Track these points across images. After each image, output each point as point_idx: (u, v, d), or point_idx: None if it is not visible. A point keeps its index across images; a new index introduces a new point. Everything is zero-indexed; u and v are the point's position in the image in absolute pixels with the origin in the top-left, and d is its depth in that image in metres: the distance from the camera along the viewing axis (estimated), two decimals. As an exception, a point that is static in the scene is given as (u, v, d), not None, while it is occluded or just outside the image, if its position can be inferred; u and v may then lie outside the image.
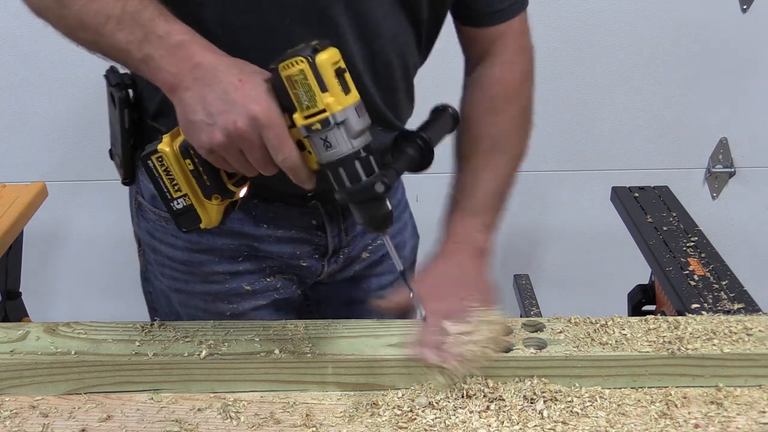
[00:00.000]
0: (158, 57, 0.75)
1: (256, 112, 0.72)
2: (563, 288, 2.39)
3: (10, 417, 0.83)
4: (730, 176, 2.22)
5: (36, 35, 1.98)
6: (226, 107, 0.73)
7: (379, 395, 0.85)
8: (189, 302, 1.05)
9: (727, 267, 1.29)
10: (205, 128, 0.74)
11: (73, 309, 2.38)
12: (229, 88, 0.73)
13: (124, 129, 0.96)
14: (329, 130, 0.73)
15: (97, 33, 0.77)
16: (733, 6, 2.01)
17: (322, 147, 0.74)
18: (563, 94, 2.10)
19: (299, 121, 0.73)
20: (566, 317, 0.93)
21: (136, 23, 0.75)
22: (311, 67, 0.71)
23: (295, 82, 0.72)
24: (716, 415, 0.82)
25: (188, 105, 0.75)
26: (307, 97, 0.72)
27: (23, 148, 2.14)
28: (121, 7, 0.75)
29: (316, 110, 0.72)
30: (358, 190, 0.76)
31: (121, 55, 0.78)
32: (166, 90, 0.77)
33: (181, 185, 0.80)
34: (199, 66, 0.75)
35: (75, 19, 0.77)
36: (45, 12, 0.80)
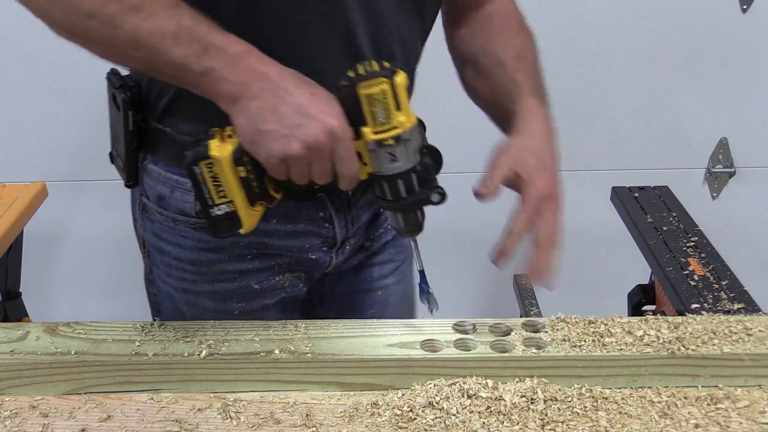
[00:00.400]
0: (219, 68, 0.77)
1: (334, 126, 0.77)
2: (563, 288, 2.38)
3: (10, 417, 0.83)
4: (730, 176, 2.22)
5: (36, 35, 1.98)
6: (303, 120, 0.77)
7: (379, 395, 0.85)
8: (197, 302, 1.05)
9: (727, 267, 1.29)
10: (280, 139, 0.77)
11: (73, 309, 2.38)
12: (304, 101, 0.77)
13: (128, 131, 0.96)
14: (398, 146, 0.80)
15: (153, 50, 0.76)
16: (733, 6, 2.01)
17: (386, 160, 0.81)
18: (563, 94, 2.10)
19: (369, 135, 0.79)
20: (566, 317, 0.93)
21: (192, 38, 0.76)
22: (391, 87, 0.78)
23: (374, 101, 0.78)
24: (716, 415, 0.82)
25: (258, 115, 0.77)
26: (384, 114, 0.79)
27: (23, 148, 2.14)
28: (175, 23, 0.76)
29: (389, 127, 0.79)
30: (415, 201, 0.84)
31: (177, 70, 0.78)
32: (227, 100, 0.78)
33: (227, 191, 0.81)
34: (265, 77, 0.78)
35: (128, 39, 0.76)
36: (89, 33, 0.78)
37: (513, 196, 1.06)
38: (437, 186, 0.84)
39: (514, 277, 2.21)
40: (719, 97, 2.12)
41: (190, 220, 0.98)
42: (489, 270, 2.36)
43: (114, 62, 0.81)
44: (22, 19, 0.98)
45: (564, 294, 2.40)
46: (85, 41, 0.79)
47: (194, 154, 0.80)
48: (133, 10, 0.75)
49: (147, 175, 1.00)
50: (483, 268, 2.36)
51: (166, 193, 0.98)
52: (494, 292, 2.40)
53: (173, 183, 0.97)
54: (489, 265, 1.05)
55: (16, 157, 2.15)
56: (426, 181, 0.85)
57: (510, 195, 1.08)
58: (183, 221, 0.99)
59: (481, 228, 2.27)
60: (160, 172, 0.98)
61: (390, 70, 0.78)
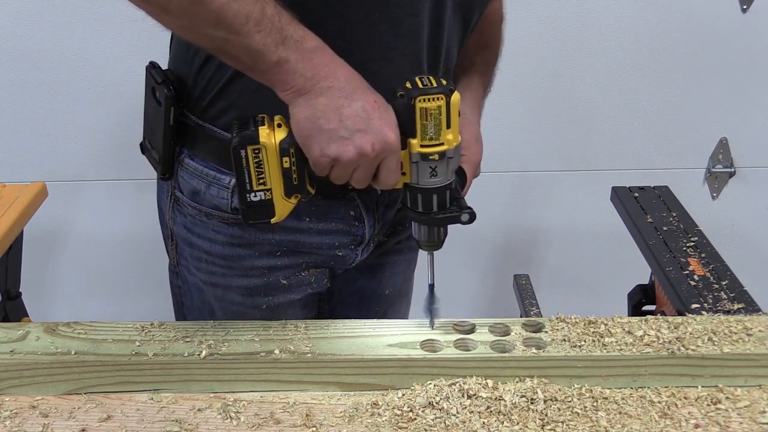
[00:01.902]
0: (294, 60, 0.77)
1: (391, 139, 0.79)
2: (563, 288, 2.39)
3: (10, 417, 0.83)
4: (730, 176, 2.22)
5: (36, 36, 1.98)
6: (364, 126, 0.78)
7: (379, 395, 0.85)
8: (225, 296, 1.06)
9: (727, 267, 1.29)
10: (338, 140, 0.78)
11: (73, 309, 2.38)
12: (367, 107, 0.79)
13: (168, 126, 0.97)
14: (440, 162, 0.82)
15: (234, 32, 0.76)
16: (733, 6, 2.01)
17: (427, 174, 0.82)
18: (563, 94, 2.10)
19: (416, 147, 0.81)
20: (566, 317, 0.93)
21: (273, 26, 0.76)
22: (446, 105, 0.79)
23: (429, 115, 0.79)
24: (716, 415, 0.82)
25: (321, 112, 0.78)
26: (435, 130, 0.80)
27: (23, 148, 2.14)
28: (260, 9, 0.76)
29: (436, 142, 0.81)
30: (445, 217, 0.85)
31: (252, 56, 0.78)
32: (293, 92, 0.79)
33: (267, 179, 0.81)
34: (334, 76, 0.79)
35: (211, 17, 0.75)
36: (171, 4, 0.75)
37: (513, 199, 1.06)
38: (467, 207, 0.86)
39: (514, 277, 2.21)
40: (719, 97, 2.12)
41: (224, 215, 0.99)
42: (489, 270, 2.36)
43: (183, 36, 0.80)
44: (23, 19, 0.99)
45: (564, 294, 2.42)
46: (162, 11, 0.77)
47: (243, 138, 0.80)
48: None
49: (182, 169, 1.01)
50: (483, 268, 2.36)
51: (202, 188, 0.99)
52: (494, 292, 2.40)
53: (210, 179, 0.98)
54: (489, 265, 1.05)
55: (16, 157, 2.15)
56: (456, 200, 0.86)
57: (510, 197, 1.08)
58: (216, 216, 1.00)
59: (481, 228, 2.27)
60: (197, 167, 0.98)
61: (448, 88, 0.80)
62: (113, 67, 2.00)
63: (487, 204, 2.22)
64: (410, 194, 0.86)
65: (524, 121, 2.13)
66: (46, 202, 1.83)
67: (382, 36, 0.89)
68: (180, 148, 1.00)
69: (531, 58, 2.04)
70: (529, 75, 2.07)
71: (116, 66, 2.00)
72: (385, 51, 0.90)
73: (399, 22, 0.89)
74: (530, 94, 2.09)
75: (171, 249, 1.10)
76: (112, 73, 2.01)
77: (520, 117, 2.12)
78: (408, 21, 0.89)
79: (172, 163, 1.01)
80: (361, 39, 0.88)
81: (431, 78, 0.81)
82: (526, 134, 2.15)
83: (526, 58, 2.04)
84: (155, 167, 1.03)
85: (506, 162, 2.18)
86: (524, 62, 2.05)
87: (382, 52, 0.90)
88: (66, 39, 1.98)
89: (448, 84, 0.80)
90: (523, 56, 2.04)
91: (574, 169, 2.21)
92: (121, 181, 2.18)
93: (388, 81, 0.89)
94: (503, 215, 2.27)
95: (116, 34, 1.95)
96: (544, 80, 2.08)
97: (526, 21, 2.00)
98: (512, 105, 2.10)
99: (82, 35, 1.98)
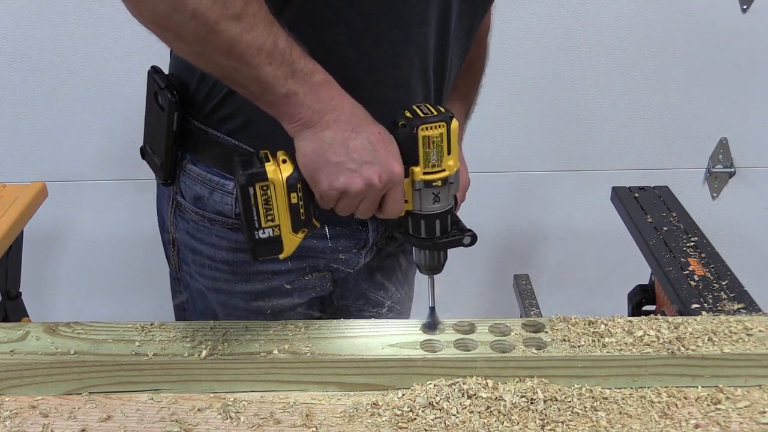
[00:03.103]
0: (302, 93, 0.78)
1: (397, 170, 0.80)
2: (563, 288, 2.39)
3: (10, 417, 0.83)
4: (730, 176, 2.22)
5: (36, 36, 1.98)
6: (371, 158, 0.79)
7: (379, 395, 0.85)
8: (229, 302, 1.06)
9: (727, 267, 1.29)
10: (346, 172, 0.79)
11: (73, 309, 2.38)
12: (373, 139, 0.80)
13: (171, 131, 0.96)
14: (443, 188, 0.83)
15: (245, 62, 0.76)
16: (733, 6, 2.01)
17: (430, 200, 0.83)
18: (563, 94, 2.10)
19: (419, 175, 0.82)
20: (566, 317, 0.93)
21: (284, 59, 0.77)
22: (447, 131, 0.80)
23: (431, 143, 0.80)
24: (716, 415, 0.82)
25: (328, 145, 0.79)
26: (437, 157, 0.81)
27: (23, 148, 2.14)
28: (272, 41, 0.76)
29: (438, 169, 0.82)
30: (448, 241, 0.86)
31: (261, 87, 0.78)
32: (299, 125, 0.79)
33: (275, 216, 0.81)
34: (340, 108, 0.79)
35: (224, 46, 0.75)
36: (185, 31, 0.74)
37: (513, 199, 1.06)
38: (468, 229, 0.88)
39: (514, 277, 2.21)
40: (719, 97, 2.12)
41: (228, 221, 0.99)
42: (489, 270, 2.36)
43: (193, 62, 0.80)
44: (23, 19, 0.98)
45: (564, 294, 2.42)
46: (174, 37, 0.76)
47: (251, 176, 0.79)
48: (235, 19, 0.74)
49: (185, 175, 1.00)
50: (483, 268, 2.36)
51: (205, 193, 0.98)
52: (494, 292, 2.40)
53: (213, 184, 0.97)
54: (489, 265, 1.05)
55: (16, 157, 2.15)
56: (455, 223, 0.87)
57: (510, 198, 1.09)
58: (220, 222, 0.99)
59: (481, 228, 2.27)
60: (200, 173, 0.98)
61: (448, 115, 0.81)
62: (113, 67, 2.00)
63: (487, 204, 2.22)
64: (413, 221, 0.86)
65: (524, 121, 2.13)
66: (46, 202, 1.83)
67: (391, 43, 0.89)
68: (182, 154, 1.00)
69: (531, 58, 2.04)
70: (529, 75, 2.07)
71: (116, 66, 2.00)
72: (393, 58, 0.91)
73: (408, 30, 0.89)
74: (530, 94, 2.09)
75: (173, 255, 1.10)
76: (113, 74, 2.01)
77: (520, 117, 2.12)
78: (417, 29, 0.90)
79: (174, 169, 1.01)
80: (370, 46, 0.88)
81: (429, 106, 0.82)
82: (526, 134, 2.15)
83: (527, 58, 2.04)
84: (156, 173, 1.03)
85: (506, 162, 2.18)
86: (524, 62, 2.05)
87: (390, 59, 0.90)
88: (66, 39, 1.98)
89: (447, 111, 0.81)
90: (523, 56, 2.04)
91: (574, 169, 2.21)
92: (121, 181, 2.18)
93: (395, 88, 0.91)
94: (503, 215, 2.27)
95: (116, 34, 1.95)
96: (544, 80, 2.08)
97: (526, 21, 2.00)
98: (512, 105, 2.10)
99: (82, 35, 1.98)
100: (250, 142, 0.93)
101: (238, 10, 0.74)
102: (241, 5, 0.73)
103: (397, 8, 0.87)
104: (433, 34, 0.92)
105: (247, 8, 0.74)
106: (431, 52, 0.94)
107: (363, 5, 0.86)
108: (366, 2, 0.86)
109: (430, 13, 0.90)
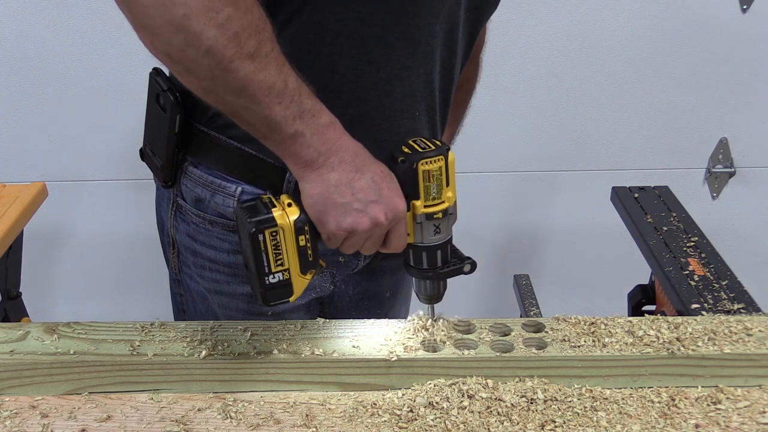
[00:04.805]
0: (309, 134, 0.78)
1: (401, 207, 0.82)
2: (563, 288, 2.39)
3: (10, 417, 0.83)
4: (730, 176, 2.22)
5: (36, 36, 1.98)
6: (375, 197, 0.80)
7: (379, 395, 0.85)
8: (230, 304, 1.06)
9: (727, 267, 1.29)
10: (353, 213, 0.80)
11: (73, 309, 2.38)
12: (376, 178, 0.81)
13: (173, 133, 0.96)
14: (443, 219, 0.84)
15: (255, 101, 0.76)
16: (733, 6, 2.01)
17: (431, 232, 0.85)
18: (563, 94, 2.11)
19: (420, 209, 0.84)
20: (566, 317, 0.93)
21: (293, 99, 0.77)
22: (446, 164, 0.82)
23: (431, 177, 0.82)
24: (716, 415, 0.82)
25: (334, 187, 0.79)
26: (437, 190, 0.83)
27: (23, 148, 2.14)
28: (283, 81, 0.76)
29: (438, 201, 0.83)
30: (449, 270, 0.88)
31: (269, 127, 0.78)
32: (304, 166, 0.80)
33: (285, 260, 0.81)
34: (345, 149, 0.80)
35: (237, 84, 0.75)
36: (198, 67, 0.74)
37: (513, 199, 1.06)
38: (467, 257, 0.89)
39: (514, 278, 2.21)
40: (719, 97, 2.12)
41: (229, 223, 0.98)
42: (489, 270, 2.36)
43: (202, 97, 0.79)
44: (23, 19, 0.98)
45: (564, 294, 2.42)
46: (187, 72, 0.76)
47: (260, 223, 0.79)
48: (249, 58, 0.74)
49: (186, 177, 1.00)
50: (483, 268, 2.35)
51: (206, 196, 0.98)
52: (494, 292, 2.40)
53: (215, 186, 0.97)
54: (489, 265, 1.05)
55: (16, 157, 2.15)
56: (454, 251, 0.88)
57: (510, 197, 1.08)
58: (221, 224, 0.99)
59: (481, 228, 2.27)
60: (201, 175, 0.98)
61: (445, 149, 0.82)
62: (114, 68, 2.00)
63: (487, 204, 2.22)
64: (414, 253, 0.87)
65: (524, 121, 2.13)
66: (46, 202, 1.83)
67: (399, 55, 0.89)
68: (183, 156, 1.00)
69: (531, 59, 2.05)
70: (530, 75, 2.07)
71: (117, 66, 2.00)
72: (400, 70, 0.91)
73: (416, 43, 0.90)
74: (530, 94, 2.10)
75: (172, 257, 1.10)
76: (113, 74, 2.01)
77: (520, 117, 2.12)
78: (424, 42, 0.90)
79: (175, 171, 1.00)
80: (378, 58, 0.89)
81: (425, 140, 0.83)
82: (526, 134, 2.15)
83: (527, 59, 2.04)
84: (156, 174, 1.03)
85: (506, 162, 2.18)
86: (525, 62, 2.05)
87: (397, 71, 0.91)
88: (67, 39, 1.98)
89: (443, 144, 0.83)
90: (523, 56, 2.04)
91: (574, 169, 2.21)
92: (121, 181, 2.18)
93: (401, 99, 0.91)
94: (503, 215, 2.27)
95: (117, 34, 1.95)
96: (544, 80, 2.08)
97: (526, 22, 2.00)
98: (512, 105, 2.10)
99: (82, 35, 1.98)
100: (252, 146, 0.93)
101: (252, 49, 0.74)
102: (255, 44, 0.73)
103: (406, 21, 0.88)
104: (440, 45, 0.93)
105: (261, 47, 0.74)
106: (437, 62, 0.94)
107: (372, 18, 0.86)
108: (374, 15, 0.86)
109: (438, 25, 0.91)
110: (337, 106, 0.83)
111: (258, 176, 0.94)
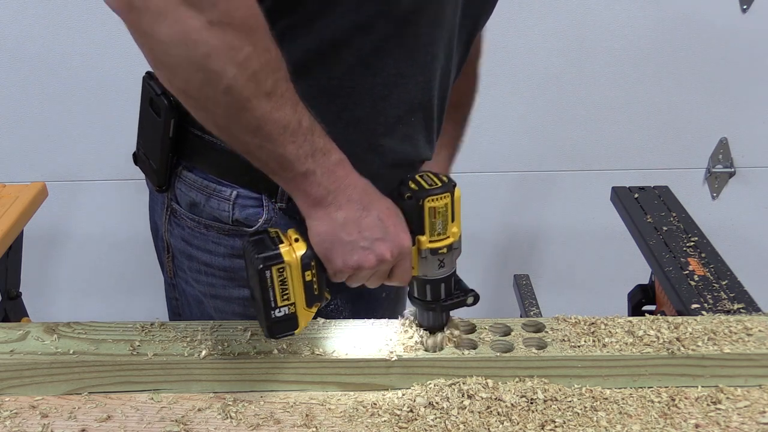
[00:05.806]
0: (320, 173, 0.79)
1: (406, 244, 0.83)
2: (563, 288, 2.39)
3: (10, 417, 0.83)
4: (730, 176, 2.22)
5: (36, 37, 1.98)
6: (382, 235, 0.81)
7: (379, 395, 0.85)
8: (226, 308, 1.05)
9: (727, 267, 1.29)
10: (360, 251, 0.81)
11: (73, 309, 2.38)
12: (382, 216, 0.82)
13: (167, 138, 0.96)
14: (448, 254, 0.85)
15: (270, 140, 0.76)
16: (733, 6, 2.01)
17: (435, 266, 0.85)
18: (563, 94, 2.11)
19: (425, 244, 0.84)
20: (566, 317, 0.93)
21: (306, 138, 0.77)
22: (451, 200, 0.83)
23: (437, 213, 0.83)
24: (716, 415, 0.82)
25: (341, 225, 0.80)
26: (442, 226, 0.83)
27: (23, 148, 2.14)
28: (297, 120, 0.76)
29: (443, 237, 0.84)
30: (452, 303, 0.88)
31: (282, 165, 0.78)
32: (313, 203, 0.80)
33: (291, 294, 0.81)
34: (353, 188, 0.81)
35: (253, 123, 0.75)
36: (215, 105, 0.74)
37: (513, 199, 1.06)
38: (470, 289, 0.90)
39: (514, 277, 2.21)
40: (719, 97, 2.12)
41: (224, 227, 0.98)
42: (489, 270, 2.36)
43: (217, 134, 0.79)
44: (23, 20, 0.98)
45: (564, 294, 2.42)
46: (201, 109, 0.76)
47: (267, 259, 0.79)
48: (266, 97, 0.74)
49: (180, 182, 0.99)
50: (483, 268, 2.36)
51: (201, 200, 0.98)
52: (494, 292, 2.40)
53: (210, 191, 0.97)
54: (489, 265, 1.05)
55: (16, 157, 2.15)
56: (458, 282, 0.89)
57: (510, 197, 1.08)
58: (216, 228, 0.99)
59: (481, 228, 2.27)
60: (196, 179, 0.98)
61: (451, 185, 0.83)
62: (114, 68, 2.00)
63: (487, 204, 2.22)
64: (418, 286, 0.88)
65: (524, 121, 2.13)
66: (46, 202, 1.83)
67: (398, 63, 0.90)
68: (177, 160, 0.99)
69: (531, 59, 2.04)
70: (530, 75, 2.07)
71: (117, 66, 2.00)
72: (399, 78, 0.91)
73: (416, 51, 0.90)
74: (530, 94, 2.10)
75: (167, 261, 1.09)
76: (113, 74, 2.01)
77: (520, 117, 2.12)
78: (424, 50, 0.90)
79: (169, 175, 1.00)
80: (378, 65, 0.88)
81: (431, 176, 0.84)
82: (526, 134, 2.15)
83: (527, 59, 2.04)
84: (151, 179, 1.02)
85: (506, 162, 2.18)
86: (525, 62, 2.05)
87: (396, 78, 0.91)
88: (66, 39, 1.98)
89: (450, 180, 0.83)
90: (523, 56, 2.04)
91: (574, 169, 2.21)
92: (120, 181, 2.18)
93: (397, 105, 0.91)
94: (503, 215, 2.27)
95: (117, 33, 1.95)
96: (544, 80, 2.08)
97: (526, 22, 2.00)
98: (513, 105, 2.10)
99: (82, 35, 1.98)
100: None
101: (269, 89, 0.74)
102: (272, 83, 0.74)
103: (405, 31, 0.88)
104: (439, 53, 0.93)
105: (278, 87, 0.74)
106: (437, 70, 0.94)
107: (371, 27, 0.85)
108: (374, 25, 0.85)
109: (437, 34, 0.91)
110: (332, 110, 0.82)
111: (253, 180, 0.94)
